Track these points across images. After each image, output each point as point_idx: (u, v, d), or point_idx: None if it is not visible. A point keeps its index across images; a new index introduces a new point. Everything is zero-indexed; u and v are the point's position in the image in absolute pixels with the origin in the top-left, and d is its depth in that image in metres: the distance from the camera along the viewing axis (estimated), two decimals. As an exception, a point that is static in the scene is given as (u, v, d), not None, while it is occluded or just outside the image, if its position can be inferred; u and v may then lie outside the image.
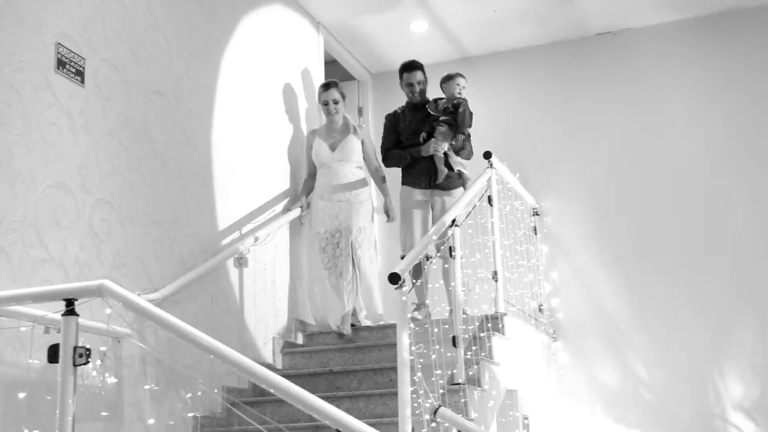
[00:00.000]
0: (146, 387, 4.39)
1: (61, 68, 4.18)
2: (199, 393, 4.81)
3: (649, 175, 7.10)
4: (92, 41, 4.45)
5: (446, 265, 5.65)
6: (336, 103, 6.19)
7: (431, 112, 6.27)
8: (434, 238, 4.78)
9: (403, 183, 6.35)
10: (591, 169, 7.29)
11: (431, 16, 7.14)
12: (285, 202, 6.28)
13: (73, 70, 4.27)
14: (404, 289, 4.14)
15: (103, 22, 4.56)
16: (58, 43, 4.18)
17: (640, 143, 7.18)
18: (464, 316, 5.11)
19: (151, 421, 4.40)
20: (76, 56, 4.29)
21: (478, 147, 6.24)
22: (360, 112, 7.91)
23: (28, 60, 4.00)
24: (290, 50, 6.71)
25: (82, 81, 4.33)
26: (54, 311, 3.28)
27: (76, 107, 4.27)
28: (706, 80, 7.10)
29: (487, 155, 6.03)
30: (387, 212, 6.35)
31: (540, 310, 6.95)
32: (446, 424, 4.15)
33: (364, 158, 6.28)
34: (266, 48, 6.34)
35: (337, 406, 3.20)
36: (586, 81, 7.46)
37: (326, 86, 6.26)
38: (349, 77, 7.96)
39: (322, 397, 3.25)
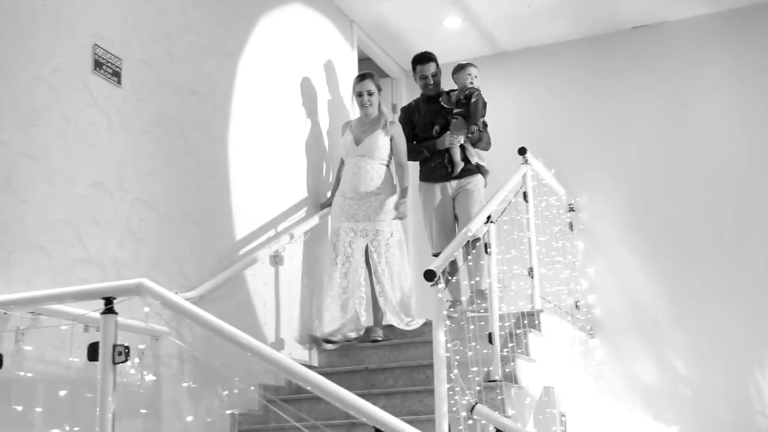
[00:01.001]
0: (184, 384, 4.42)
1: (98, 69, 4.22)
2: (236, 390, 4.83)
3: (685, 170, 7.02)
4: (128, 42, 4.48)
5: (482, 261, 5.62)
6: (370, 94, 5.99)
7: (444, 105, 6.22)
8: (469, 234, 4.76)
9: (421, 179, 6.30)
10: (627, 164, 7.22)
11: (465, 12, 7.11)
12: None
13: (110, 71, 4.31)
14: (440, 286, 4.13)
15: (138, 23, 4.59)
16: (95, 45, 4.22)
17: (675, 137, 7.10)
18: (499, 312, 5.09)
19: (190, 418, 4.42)
20: (112, 57, 4.33)
21: (512, 142, 6.18)
22: (394, 109, 7.88)
23: (65, 61, 4.04)
24: (324, 48, 6.71)
25: (119, 81, 4.37)
26: (93, 310, 3.31)
27: (113, 107, 4.31)
28: (743, 73, 7.00)
29: (522, 151, 5.99)
30: (396, 207, 5.90)
31: (576, 306, 6.90)
32: (483, 421, 4.14)
33: (392, 154, 6.01)
34: (298, 45, 6.34)
35: (373, 404, 3.19)
36: (621, 75, 7.38)
37: (361, 77, 6.08)
38: (382, 74, 7.94)
39: (358, 395, 3.24)
